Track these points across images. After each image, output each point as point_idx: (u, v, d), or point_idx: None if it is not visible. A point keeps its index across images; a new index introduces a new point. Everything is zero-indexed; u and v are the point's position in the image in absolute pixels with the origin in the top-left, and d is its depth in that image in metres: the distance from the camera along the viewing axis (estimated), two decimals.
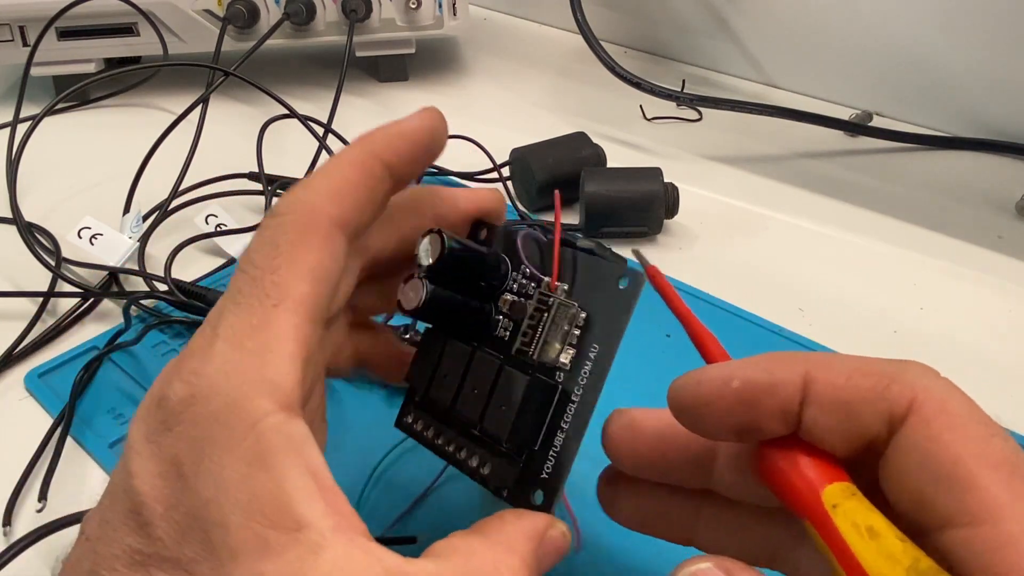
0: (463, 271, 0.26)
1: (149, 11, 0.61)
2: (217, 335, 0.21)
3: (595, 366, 0.25)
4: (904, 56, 0.61)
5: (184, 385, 0.20)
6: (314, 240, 0.22)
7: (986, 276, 0.47)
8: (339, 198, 0.23)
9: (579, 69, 0.70)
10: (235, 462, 0.19)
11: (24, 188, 0.49)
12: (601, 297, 0.25)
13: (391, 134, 0.25)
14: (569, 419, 0.25)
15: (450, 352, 0.27)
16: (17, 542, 0.30)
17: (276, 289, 0.22)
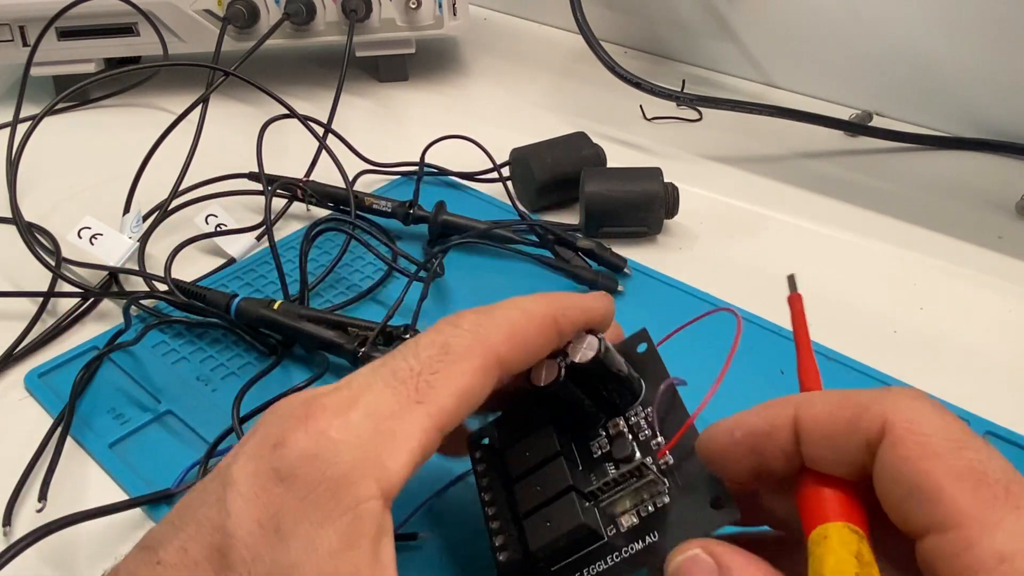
0: (602, 379, 0.27)
1: (149, 11, 0.61)
2: (357, 405, 0.22)
3: (645, 549, 0.25)
4: (904, 56, 0.61)
5: (310, 441, 0.21)
6: (477, 366, 0.24)
7: (986, 276, 0.47)
8: (512, 344, 0.25)
9: (579, 69, 0.70)
10: (331, 536, 0.20)
11: (24, 188, 0.49)
12: (690, 497, 0.25)
13: (576, 306, 0.27)
14: (593, 572, 0.25)
15: (539, 440, 0.27)
16: (17, 542, 0.30)
17: (428, 390, 0.23)
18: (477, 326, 0.24)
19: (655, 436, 0.26)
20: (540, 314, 0.26)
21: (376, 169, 0.54)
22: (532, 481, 0.26)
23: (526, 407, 0.28)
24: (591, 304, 0.27)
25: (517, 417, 0.28)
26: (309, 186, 0.50)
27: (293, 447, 0.21)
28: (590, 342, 0.26)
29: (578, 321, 0.27)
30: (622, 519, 0.25)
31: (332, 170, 0.50)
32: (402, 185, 0.54)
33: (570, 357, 0.26)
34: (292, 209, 0.52)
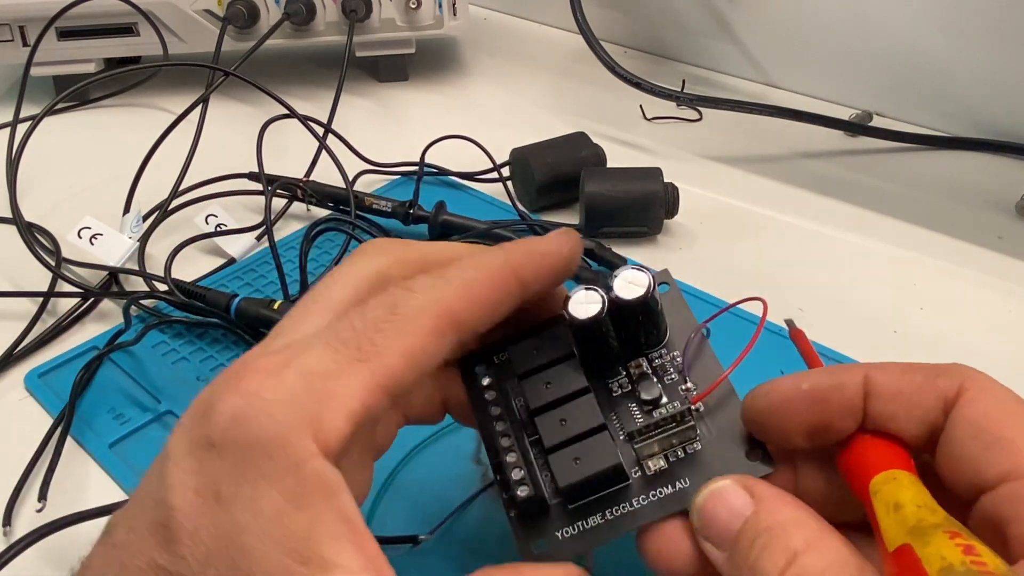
0: (640, 318, 0.25)
1: (149, 11, 0.61)
2: (291, 366, 0.21)
3: (673, 495, 0.24)
4: (904, 56, 0.61)
5: (241, 403, 0.20)
6: (428, 326, 0.23)
7: (986, 276, 0.47)
8: (468, 303, 0.24)
9: (579, 69, 0.70)
10: (274, 496, 0.19)
11: (24, 188, 0.49)
12: (723, 447, 0.25)
13: (533, 252, 0.25)
14: (617, 514, 0.24)
15: (563, 373, 0.25)
16: (17, 542, 0.30)
17: (371, 348, 0.22)
18: (429, 287, 0.23)
19: (684, 382, 0.25)
20: (497, 269, 0.24)
21: (376, 169, 0.54)
22: (556, 415, 0.25)
23: (540, 337, 0.26)
24: (552, 248, 0.26)
25: (529, 347, 0.26)
26: (309, 186, 0.50)
27: (224, 411, 0.20)
28: (637, 278, 0.25)
29: (540, 270, 0.25)
30: (649, 462, 0.24)
31: (332, 170, 0.50)
32: (402, 185, 0.54)
33: (616, 292, 0.25)
34: (292, 209, 0.52)
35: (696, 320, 0.27)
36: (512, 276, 0.25)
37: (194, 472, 0.20)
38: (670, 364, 0.26)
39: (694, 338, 0.26)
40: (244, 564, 0.19)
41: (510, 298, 0.25)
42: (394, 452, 0.34)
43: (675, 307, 0.27)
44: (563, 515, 0.24)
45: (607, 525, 0.24)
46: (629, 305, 0.25)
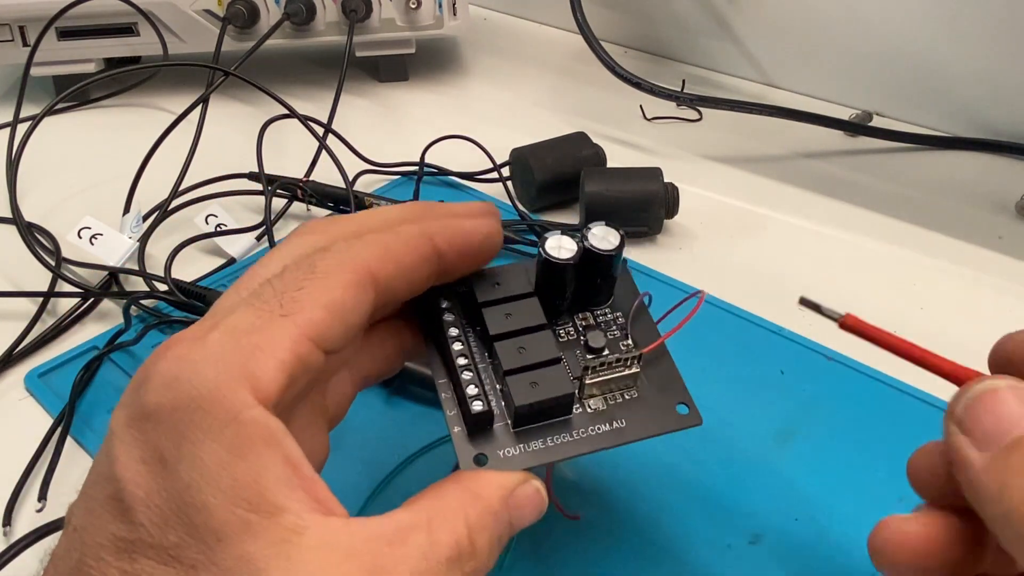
0: (601, 272, 0.27)
1: (149, 11, 0.61)
2: (216, 328, 0.21)
3: (609, 432, 0.26)
4: (904, 56, 0.61)
5: (169, 365, 0.20)
6: (348, 280, 0.23)
7: (986, 276, 0.47)
8: (385, 262, 0.24)
9: (579, 69, 0.70)
10: (216, 449, 0.20)
11: (24, 188, 0.49)
12: (658, 397, 0.27)
13: (453, 226, 0.26)
14: (556, 442, 0.26)
15: (523, 307, 0.27)
16: (17, 542, 0.30)
17: (292, 304, 0.22)
18: (345, 247, 0.24)
19: (625, 338, 0.28)
20: (414, 235, 0.25)
21: (376, 169, 0.54)
22: (514, 343, 0.26)
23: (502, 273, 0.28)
24: (473, 225, 0.26)
25: (490, 281, 0.28)
26: (309, 186, 0.50)
27: (155, 379, 0.20)
28: (610, 233, 0.27)
29: (457, 243, 0.26)
30: (590, 402, 0.26)
31: (332, 170, 0.50)
32: (402, 185, 0.54)
33: (590, 242, 0.27)
34: (292, 209, 0.52)
35: (636, 289, 0.29)
36: (428, 242, 0.25)
37: (136, 442, 0.20)
38: (614, 323, 0.28)
39: (637, 302, 0.28)
40: (199, 519, 0.19)
41: (427, 266, 0.25)
42: (389, 455, 0.34)
43: (622, 275, 0.29)
44: (506, 436, 0.26)
45: (545, 451, 0.26)
46: (601, 255, 0.27)
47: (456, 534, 0.22)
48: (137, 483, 0.20)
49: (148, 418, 0.20)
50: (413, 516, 0.22)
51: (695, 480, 0.34)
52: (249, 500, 0.19)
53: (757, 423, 0.36)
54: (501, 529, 0.23)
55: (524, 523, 0.24)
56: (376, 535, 0.21)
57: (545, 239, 0.27)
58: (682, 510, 0.32)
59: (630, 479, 0.34)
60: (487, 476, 0.24)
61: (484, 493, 0.23)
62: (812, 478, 0.34)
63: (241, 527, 0.19)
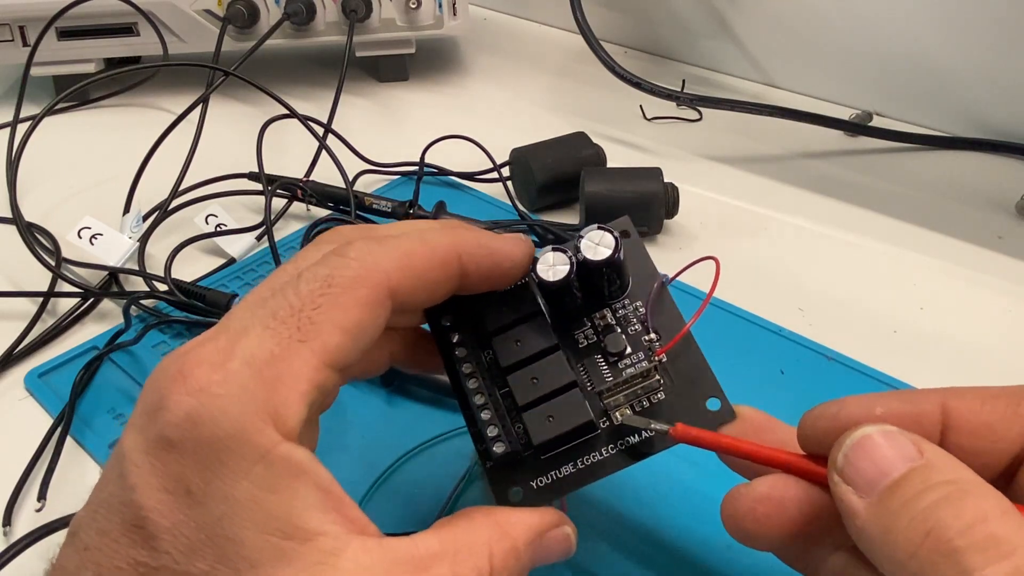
0: (605, 274, 0.26)
1: (149, 11, 0.61)
2: (235, 354, 0.21)
3: (639, 444, 0.25)
4: (904, 56, 0.61)
5: (191, 400, 0.20)
6: (364, 298, 0.22)
7: (986, 276, 0.47)
8: (405, 274, 0.23)
9: (579, 69, 0.70)
10: (247, 487, 0.20)
11: (24, 188, 0.49)
12: (686, 396, 0.26)
13: (483, 245, 0.25)
14: (587, 463, 0.25)
15: (532, 331, 0.26)
16: (17, 542, 0.30)
17: (310, 327, 0.22)
18: (365, 254, 0.23)
19: (647, 332, 0.26)
20: (442, 247, 0.24)
21: (376, 169, 0.54)
22: (526, 374, 0.25)
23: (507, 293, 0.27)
24: (505, 248, 0.25)
25: (498, 303, 0.27)
26: (309, 186, 0.50)
27: (176, 410, 0.20)
28: (604, 239, 0.25)
29: (483, 263, 0.25)
30: (615, 413, 0.25)
31: (332, 170, 0.50)
32: (402, 185, 0.54)
33: (583, 254, 0.25)
34: (292, 209, 0.52)
35: (656, 269, 0.28)
36: (455, 258, 0.24)
37: (156, 472, 0.20)
38: (633, 315, 0.27)
39: (656, 289, 0.27)
40: (231, 549, 0.19)
41: (448, 280, 0.25)
42: (388, 452, 0.34)
43: (636, 255, 0.28)
44: (536, 465, 0.25)
45: (578, 474, 0.25)
46: (597, 266, 0.25)
47: (479, 571, 0.22)
48: (161, 512, 0.20)
49: (169, 449, 0.20)
50: (441, 544, 0.22)
51: (695, 480, 0.34)
52: (283, 530, 0.20)
53: None
54: (523, 568, 0.23)
55: (547, 563, 0.24)
56: (404, 559, 0.21)
57: (536, 260, 0.25)
58: (682, 510, 0.32)
59: (630, 480, 0.34)
60: (519, 515, 0.24)
61: (513, 532, 0.23)
62: None
63: (276, 555, 0.19)
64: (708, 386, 0.25)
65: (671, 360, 0.26)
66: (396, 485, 0.33)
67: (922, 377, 0.38)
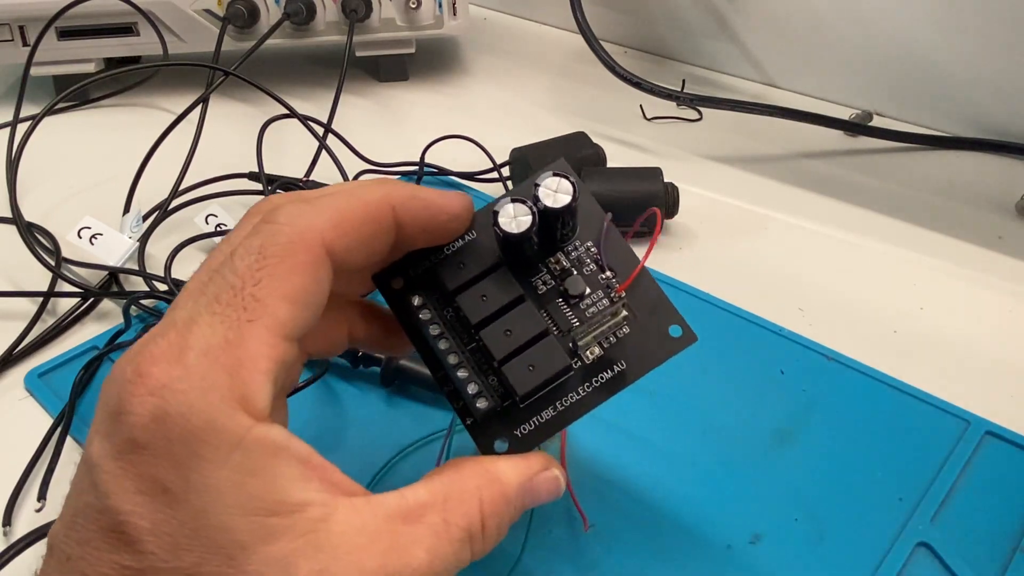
0: (562, 220, 0.26)
1: (149, 11, 0.61)
2: (189, 345, 0.21)
3: (613, 378, 0.26)
4: (904, 56, 0.61)
5: (154, 399, 0.20)
6: (302, 262, 0.22)
7: (986, 276, 0.47)
8: (339, 231, 0.23)
9: (579, 69, 0.70)
10: (227, 475, 0.20)
11: (24, 188, 0.49)
12: (650, 327, 0.26)
13: (417, 198, 0.25)
14: (566, 404, 0.26)
15: (496, 284, 0.26)
16: (17, 542, 0.30)
17: (255, 304, 0.21)
18: (295, 217, 0.23)
19: (602, 271, 0.27)
20: (374, 201, 0.24)
21: (376, 169, 0.54)
22: (499, 327, 0.25)
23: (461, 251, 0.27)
24: (440, 201, 0.25)
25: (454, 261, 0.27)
26: (309, 186, 0.50)
27: (140, 412, 0.20)
28: (561, 185, 0.25)
29: (421, 216, 0.25)
30: (586, 352, 0.26)
31: (332, 170, 0.50)
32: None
33: (544, 202, 0.25)
34: None
35: (601, 209, 0.28)
36: (388, 211, 0.24)
37: (128, 475, 0.20)
38: (586, 255, 0.27)
39: (605, 229, 0.27)
40: (219, 537, 0.19)
41: (384, 234, 0.24)
42: (388, 451, 0.34)
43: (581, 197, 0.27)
44: (516, 414, 0.26)
45: (559, 416, 0.26)
46: (557, 212, 0.26)
47: (469, 517, 0.22)
48: (140, 514, 0.19)
49: (139, 451, 0.20)
50: (430, 494, 0.22)
51: (695, 480, 0.34)
52: (268, 508, 0.20)
53: (757, 423, 0.36)
54: (512, 513, 0.24)
55: (537, 504, 0.25)
56: (395, 512, 0.21)
57: (496, 213, 0.25)
58: (682, 510, 0.32)
59: (629, 480, 0.34)
60: (507, 461, 0.24)
61: (503, 477, 0.24)
62: (812, 478, 0.34)
63: (265, 533, 0.19)
64: (669, 315, 0.26)
65: (629, 295, 0.27)
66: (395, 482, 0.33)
67: (922, 377, 0.38)
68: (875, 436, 0.36)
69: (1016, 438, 0.35)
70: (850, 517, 0.32)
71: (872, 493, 0.33)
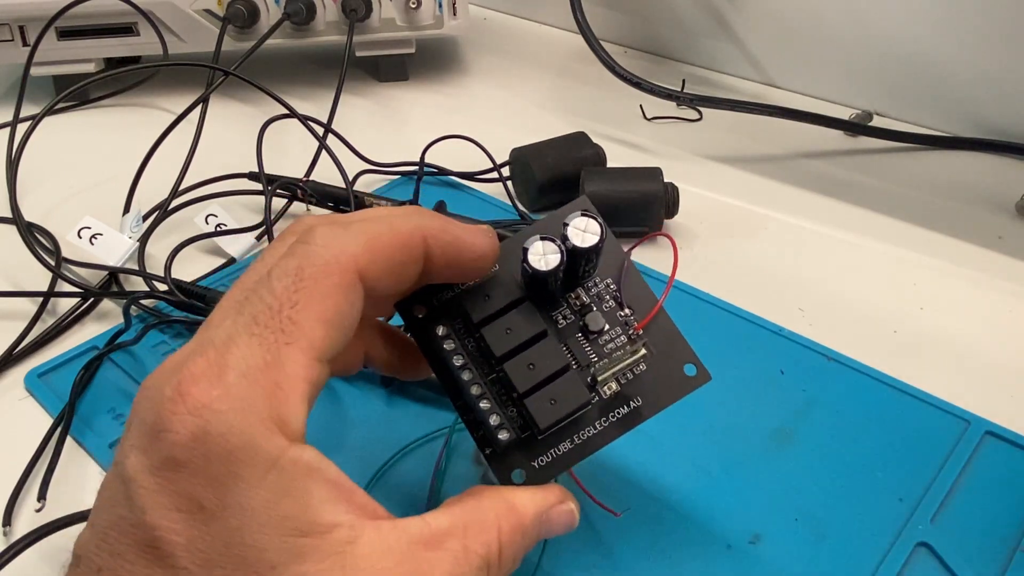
0: (587, 258, 0.27)
1: (149, 11, 0.61)
2: (228, 365, 0.21)
3: (629, 414, 0.27)
4: (904, 56, 0.61)
5: (195, 420, 0.20)
6: (336, 284, 0.23)
7: (986, 276, 0.47)
8: (372, 257, 0.23)
9: (579, 69, 0.70)
10: (262, 495, 0.20)
11: (24, 188, 0.49)
12: (665, 365, 0.27)
13: (448, 231, 0.25)
14: (583, 438, 0.26)
15: (521, 318, 0.27)
16: (17, 542, 0.30)
17: (292, 327, 0.22)
18: (331, 239, 0.23)
19: (620, 308, 0.28)
20: (407, 229, 0.24)
21: (376, 169, 0.54)
22: (522, 361, 0.26)
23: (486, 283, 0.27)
24: (469, 239, 0.26)
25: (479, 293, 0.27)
26: (309, 186, 0.50)
27: (181, 431, 0.20)
28: (589, 225, 0.26)
29: (449, 251, 0.25)
30: (604, 388, 0.27)
31: (332, 170, 0.50)
32: (402, 185, 0.54)
33: (572, 242, 0.26)
34: (292, 209, 0.52)
35: (620, 246, 0.29)
36: (420, 241, 0.25)
37: (165, 491, 0.20)
38: (605, 291, 0.28)
39: (625, 267, 0.28)
40: (250, 555, 0.20)
41: (414, 263, 0.25)
42: (387, 450, 0.34)
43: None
44: (535, 445, 0.26)
45: (576, 449, 0.26)
46: (585, 253, 0.26)
47: (488, 546, 0.23)
48: (176, 531, 0.20)
49: (178, 469, 0.20)
50: (451, 521, 0.23)
51: (695, 480, 0.34)
52: (300, 528, 0.20)
53: (757, 423, 0.36)
54: (529, 542, 0.25)
55: (551, 536, 0.26)
56: (417, 537, 0.22)
57: (526, 250, 0.26)
58: (682, 510, 0.32)
59: (629, 479, 0.34)
60: (525, 492, 0.25)
61: (521, 508, 0.25)
62: (812, 478, 0.34)
63: (295, 553, 0.20)
64: (684, 353, 0.27)
65: (646, 333, 0.27)
66: (394, 480, 0.33)
67: (922, 377, 0.38)
68: (875, 436, 0.36)
69: (1016, 438, 0.35)
70: (850, 517, 0.32)
71: (872, 493, 0.33)
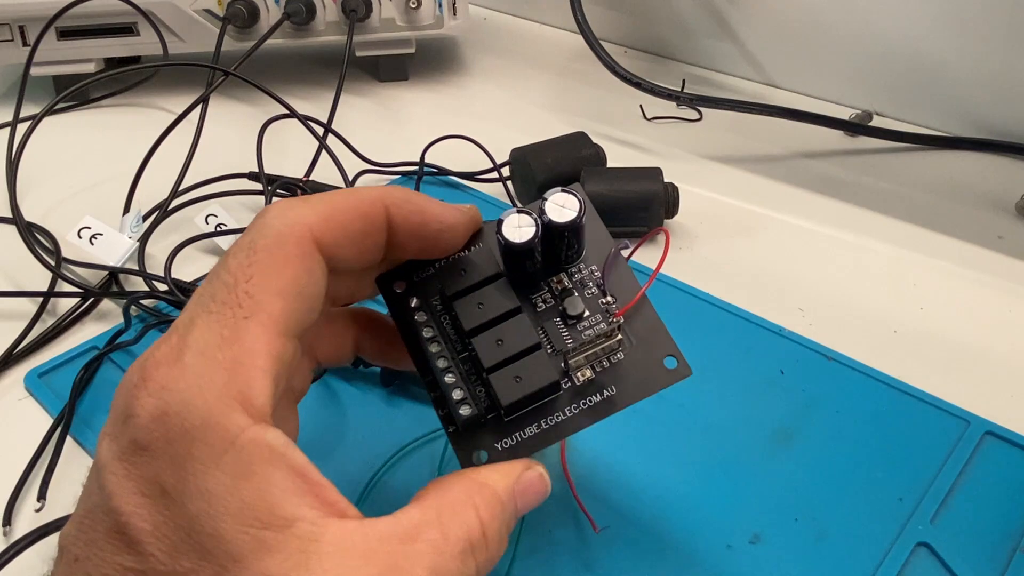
0: (566, 237, 0.26)
1: (149, 11, 0.61)
2: (187, 345, 0.21)
3: (601, 403, 0.26)
4: (904, 56, 0.61)
5: (154, 400, 0.20)
6: (290, 255, 0.22)
7: (986, 276, 0.47)
8: (330, 222, 0.23)
9: (579, 69, 0.70)
10: (220, 476, 0.20)
11: (24, 188, 0.49)
12: (645, 356, 0.26)
13: (412, 203, 0.25)
14: (551, 423, 0.26)
15: (494, 294, 0.26)
16: (17, 542, 0.30)
17: (248, 300, 0.21)
18: (285, 211, 0.23)
19: (603, 295, 0.27)
20: (367, 198, 0.24)
21: (376, 169, 0.54)
22: (491, 336, 0.25)
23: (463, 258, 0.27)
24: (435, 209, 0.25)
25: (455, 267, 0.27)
26: (309, 186, 0.50)
27: (142, 413, 0.20)
28: (567, 201, 0.26)
29: (412, 220, 0.25)
30: (577, 374, 0.26)
31: (332, 170, 0.50)
32: (402, 185, 0.54)
33: (548, 216, 0.25)
34: None
35: (610, 236, 0.28)
36: (381, 209, 0.24)
37: (130, 476, 0.20)
38: (589, 278, 0.27)
39: (612, 254, 0.27)
40: (212, 545, 0.19)
41: (375, 232, 0.24)
42: (387, 450, 0.34)
43: (591, 223, 0.28)
44: (500, 427, 0.26)
45: (542, 434, 0.26)
46: (560, 227, 0.26)
47: (467, 526, 0.22)
48: (141, 516, 0.20)
49: (141, 452, 0.20)
50: (423, 512, 0.22)
51: (695, 480, 0.34)
52: (260, 518, 0.19)
53: (757, 423, 0.36)
54: (509, 517, 0.24)
55: (529, 507, 0.25)
56: (389, 534, 0.21)
57: (501, 221, 0.25)
58: (682, 510, 0.32)
59: (629, 479, 0.34)
60: (490, 467, 0.24)
61: (491, 484, 0.24)
62: (812, 478, 0.34)
63: (256, 546, 0.19)
64: (665, 345, 0.26)
65: (628, 322, 0.27)
66: (395, 481, 0.33)
67: (922, 377, 0.38)
68: (875, 436, 0.36)
69: (1016, 438, 0.35)
70: (850, 517, 0.32)
71: (872, 493, 0.33)
